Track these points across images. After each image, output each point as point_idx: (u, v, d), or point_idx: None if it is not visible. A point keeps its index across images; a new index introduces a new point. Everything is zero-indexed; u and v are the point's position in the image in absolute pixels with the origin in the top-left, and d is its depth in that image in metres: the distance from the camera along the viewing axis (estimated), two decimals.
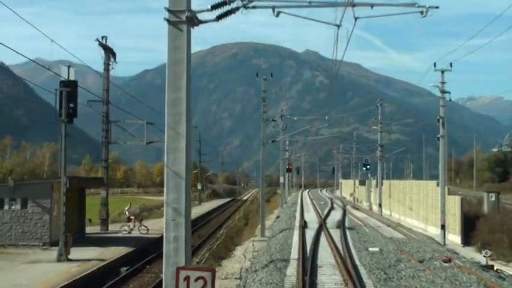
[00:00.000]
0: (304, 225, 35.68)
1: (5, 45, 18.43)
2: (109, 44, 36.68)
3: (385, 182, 61.44)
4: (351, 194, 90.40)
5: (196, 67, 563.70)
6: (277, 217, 50.68)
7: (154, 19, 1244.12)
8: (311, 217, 45.79)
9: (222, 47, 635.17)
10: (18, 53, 21.31)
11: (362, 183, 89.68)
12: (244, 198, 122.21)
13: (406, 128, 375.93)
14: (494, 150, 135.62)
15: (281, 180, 69.41)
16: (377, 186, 60.50)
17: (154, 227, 38.71)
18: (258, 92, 47.05)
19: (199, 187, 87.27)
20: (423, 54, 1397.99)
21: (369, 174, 69.02)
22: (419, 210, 43.98)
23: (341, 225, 36.04)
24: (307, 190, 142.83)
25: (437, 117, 31.02)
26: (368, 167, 65.37)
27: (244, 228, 46.97)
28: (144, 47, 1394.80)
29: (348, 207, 64.38)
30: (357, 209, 59.80)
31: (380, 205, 57.87)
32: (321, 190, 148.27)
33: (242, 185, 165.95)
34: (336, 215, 48.51)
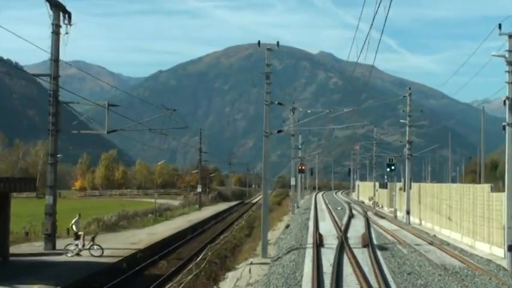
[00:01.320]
0: (319, 242, 27.17)
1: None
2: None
3: (414, 185, 52.76)
4: (371, 198, 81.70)
5: (210, 68, 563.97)
6: (287, 226, 42.16)
7: (170, 20, 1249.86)
8: (327, 228, 37.33)
9: (237, 48, 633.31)
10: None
11: (383, 186, 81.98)
12: (254, 201, 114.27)
13: (421, 130, 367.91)
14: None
15: (292, 181, 61.31)
16: (404, 190, 51.78)
17: (116, 244, 30.44)
18: (272, 93, 42.27)
19: (199, 189, 78.18)
20: (438, 56, 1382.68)
21: (393, 177, 60.31)
22: (462, 220, 35.28)
23: (368, 242, 27.34)
24: (322, 192, 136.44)
25: (504, 99, 22.35)
26: (393, 167, 56.57)
27: (245, 240, 38.51)
28: (159, 48, 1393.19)
29: (370, 214, 55.82)
30: (382, 217, 51.01)
31: (408, 212, 49.22)
32: (335, 193, 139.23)
33: (253, 186, 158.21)
34: (357, 225, 39.97)
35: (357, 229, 36.86)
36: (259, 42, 28.49)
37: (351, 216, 49.94)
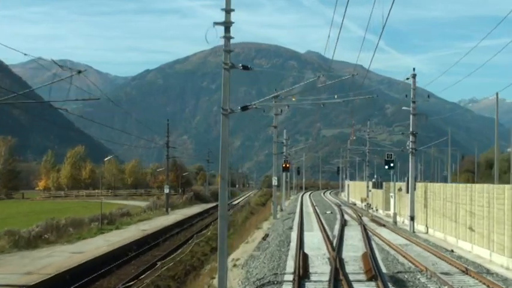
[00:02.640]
0: (302, 272, 18.44)
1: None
2: None
3: (419, 185, 44.24)
4: (364, 200, 73.16)
5: (198, 67, 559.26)
6: (264, 237, 33.49)
7: (160, 20, 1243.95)
8: (315, 243, 28.78)
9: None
10: None
11: (377, 185, 73.46)
12: (236, 202, 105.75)
13: (408, 129, 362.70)
14: (509, 150, 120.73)
15: (273, 181, 52.84)
16: (407, 191, 43.28)
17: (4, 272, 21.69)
18: (259, 92, 38.65)
19: (166, 190, 68.82)
20: (426, 55, 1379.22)
21: (391, 175, 51.92)
22: (492, 233, 26.81)
23: (375, 271, 18.53)
24: (309, 193, 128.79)
25: None
26: (392, 164, 47.90)
27: (209, 257, 29.78)
28: (147, 47, 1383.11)
29: (365, 219, 47.22)
30: (381, 225, 42.17)
31: (412, 218, 40.77)
32: (323, 193, 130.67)
33: (237, 186, 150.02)
34: (353, 238, 31.45)
35: (353, 244, 28.35)
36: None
37: (344, 223, 41.38)
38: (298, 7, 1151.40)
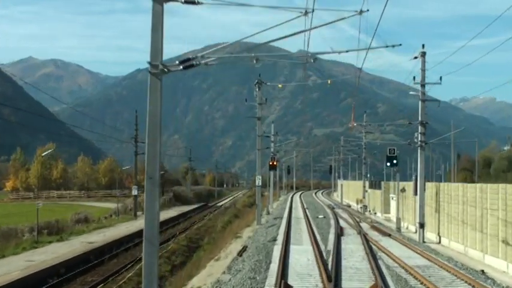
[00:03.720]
0: None
1: None
2: None
3: (429, 185, 37.31)
4: (360, 201, 66.10)
5: None
6: (240, 252, 26.35)
7: (150, 19, 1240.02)
8: (304, 265, 21.67)
9: (215, 46, 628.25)
10: None
11: (374, 185, 66.18)
12: (222, 203, 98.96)
13: (400, 129, 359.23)
14: (507, 148, 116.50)
15: (257, 181, 46.02)
16: (415, 193, 36.32)
17: None
18: (250, 92, 44.75)
19: (134, 191, 60.74)
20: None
21: (393, 174, 45.04)
22: None
23: None
24: (300, 193, 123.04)
25: None
26: (395, 161, 40.66)
27: (163, 283, 22.52)
28: (138, 46, 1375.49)
29: (364, 226, 40.18)
30: (386, 234, 34.62)
31: (422, 226, 33.85)
32: (315, 193, 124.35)
33: (224, 186, 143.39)
34: (354, 255, 24.63)
35: (356, 266, 21.19)
36: None
37: (340, 232, 34.16)
38: (288, 5, 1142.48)
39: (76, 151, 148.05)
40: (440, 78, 34.70)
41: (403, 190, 43.66)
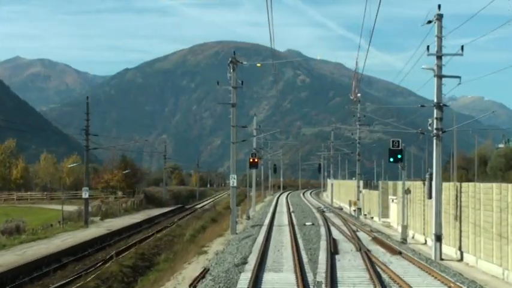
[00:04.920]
0: None
1: None
2: None
3: (447, 185, 29.69)
4: (353, 204, 58.46)
5: (177, 66, 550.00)
6: (194, 284, 18.43)
7: (139, 19, 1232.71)
8: None
9: (203, 45, 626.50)
10: None
11: (369, 185, 59.82)
12: (201, 204, 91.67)
13: (388, 127, 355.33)
14: (501, 145, 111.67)
15: (231, 181, 38.82)
16: (428, 196, 28.76)
17: None
18: (239, 91, 40.29)
19: (84, 194, 50.96)
20: (405, 54, 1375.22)
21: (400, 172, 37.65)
22: None
23: None
24: (288, 193, 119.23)
25: None
26: (399, 156, 33.23)
27: None
28: (127, 46, 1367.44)
29: (364, 237, 32.45)
30: (395, 252, 25.95)
31: (439, 238, 26.14)
32: (303, 193, 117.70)
33: (209, 186, 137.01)
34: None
35: None
36: None
37: (333, 248, 26.11)
38: (278, 5, 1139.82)
39: (64, 151, 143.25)
40: (462, 47, 26.89)
41: (408, 192, 36.09)
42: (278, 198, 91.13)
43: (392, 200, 45.38)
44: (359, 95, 53.06)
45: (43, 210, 63.79)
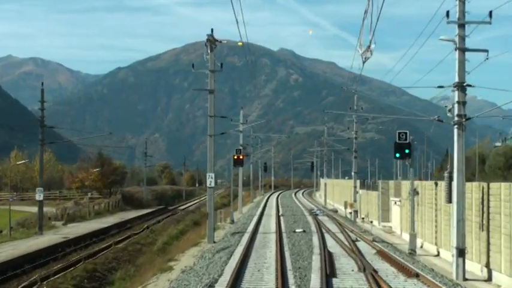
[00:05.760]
0: None
1: None
2: None
3: (470, 185, 24.19)
4: (350, 206, 53.06)
5: (170, 65, 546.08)
6: None
7: (132, 18, 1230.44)
8: None
9: (196, 44, 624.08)
10: None
11: (367, 185, 53.93)
12: (187, 205, 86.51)
13: (381, 127, 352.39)
14: (498, 144, 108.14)
15: (208, 181, 33.88)
16: (448, 200, 23.37)
17: None
18: (231, 90, 23.22)
19: (38, 196, 42.55)
20: (398, 53, 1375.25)
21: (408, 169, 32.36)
22: None
23: None
24: (279, 192, 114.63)
25: None
26: (407, 150, 28.07)
27: None
28: (120, 45, 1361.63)
29: (365, 248, 26.91)
30: (412, 274, 19.49)
31: (462, 253, 20.57)
32: (295, 193, 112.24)
33: (197, 185, 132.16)
34: None
35: None
36: None
37: (331, 270, 20.12)
38: (271, 5, 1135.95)
39: (56, 150, 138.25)
40: (490, 13, 21.41)
41: (417, 192, 31.22)
42: (268, 198, 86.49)
43: (395, 202, 40.05)
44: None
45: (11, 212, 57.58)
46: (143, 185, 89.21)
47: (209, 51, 33.08)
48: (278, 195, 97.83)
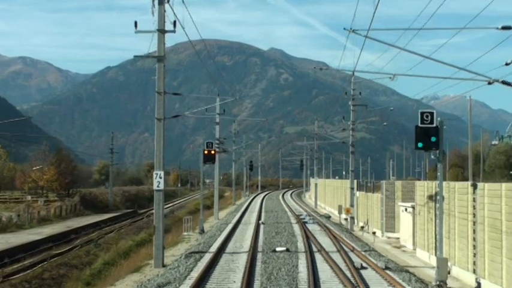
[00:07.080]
0: None
1: None
2: None
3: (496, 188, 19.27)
4: (346, 211, 44.63)
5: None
6: None
7: (122, 17, 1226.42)
8: None
9: (186, 43, 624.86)
10: None
11: (364, 187, 46.02)
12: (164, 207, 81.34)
13: (371, 127, 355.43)
14: (495, 142, 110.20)
15: (154, 183, 26.70)
16: (475, 211, 20.61)
17: None
18: (222, 89, 24.36)
19: None
20: (388, 53, 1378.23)
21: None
22: None
23: None
24: (266, 193, 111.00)
25: None
26: (434, 138, 20.48)
27: None
28: (109, 44, 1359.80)
29: (371, 276, 20.73)
30: None
31: None
32: (283, 194, 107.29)
33: (178, 185, 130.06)
34: None
35: None
36: None
37: None
38: (262, 4, 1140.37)
39: (44, 149, 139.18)
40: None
41: (432, 198, 25.86)
42: (252, 201, 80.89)
43: (406, 209, 32.47)
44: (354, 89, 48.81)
45: None
46: (110, 185, 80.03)
47: (157, 4, 25.64)
48: (264, 197, 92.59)
